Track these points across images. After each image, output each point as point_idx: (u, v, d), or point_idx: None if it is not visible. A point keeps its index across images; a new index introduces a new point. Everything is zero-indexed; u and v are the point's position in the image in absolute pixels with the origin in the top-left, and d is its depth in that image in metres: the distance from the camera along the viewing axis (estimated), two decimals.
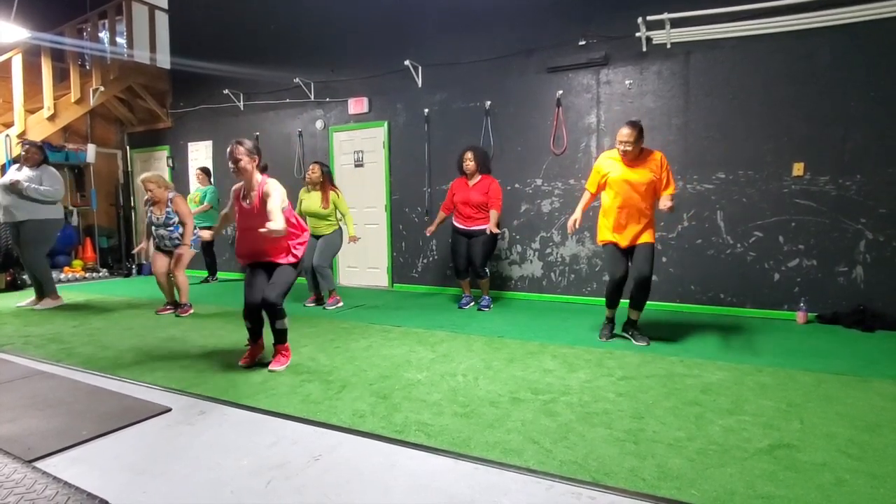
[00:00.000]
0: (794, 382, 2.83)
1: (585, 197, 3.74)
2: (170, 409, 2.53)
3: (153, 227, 4.81)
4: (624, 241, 3.57)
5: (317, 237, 5.03)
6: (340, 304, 5.17)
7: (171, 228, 4.75)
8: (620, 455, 2.04)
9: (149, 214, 4.81)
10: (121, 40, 7.78)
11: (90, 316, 4.89)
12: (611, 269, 3.64)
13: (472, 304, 5.08)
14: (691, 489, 1.79)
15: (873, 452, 2.04)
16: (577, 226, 3.60)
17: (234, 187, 3.33)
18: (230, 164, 3.12)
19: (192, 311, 4.93)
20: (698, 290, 4.76)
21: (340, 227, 5.12)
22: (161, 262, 4.84)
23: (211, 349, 3.65)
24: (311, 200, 4.98)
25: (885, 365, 3.13)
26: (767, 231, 4.47)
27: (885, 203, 4.07)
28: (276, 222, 2.97)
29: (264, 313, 3.22)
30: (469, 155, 4.78)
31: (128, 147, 8.86)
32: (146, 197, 4.78)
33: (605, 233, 3.65)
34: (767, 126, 4.42)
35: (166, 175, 8.29)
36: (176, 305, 4.96)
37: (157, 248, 4.87)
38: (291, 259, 3.26)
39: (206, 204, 6.77)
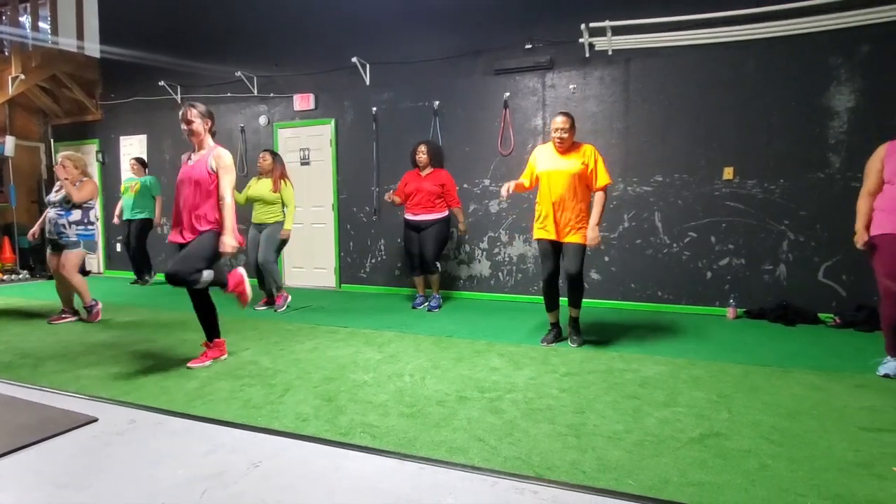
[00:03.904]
0: (725, 374, 3.00)
1: (519, 183, 3.64)
2: (96, 420, 2.37)
3: (48, 207, 4.38)
4: (552, 233, 3.53)
5: (259, 227, 4.87)
6: (289, 299, 5.02)
7: (63, 213, 4.30)
8: (563, 449, 2.08)
9: (50, 194, 4.43)
10: (44, 25, 7.25)
11: (8, 321, 4.53)
12: (542, 266, 3.66)
13: (426, 304, 5.07)
14: (628, 479, 1.85)
15: (793, 438, 2.18)
16: (509, 191, 3.49)
17: (184, 155, 3.31)
18: (183, 126, 3.14)
19: (99, 307, 4.53)
20: (638, 287, 4.95)
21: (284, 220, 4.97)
22: (53, 262, 4.40)
23: (143, 355, 3.46)
24: (260, 186, 4.82)
25: (805, 356, 3.37)
26: (700, 231, 4.71)
27: (805, 206, 4.38)
28: (226, 197, 3.12)
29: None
30: (423, 148, 4.80)
31: (52, 140, 8.27)
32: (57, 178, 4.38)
33: (536, 229, 3.64)
34: (700, 132, 4.66)
35: (95, 171, 7.82)
36: (74, 312, 4.54)
37: (49, 244, 4.42)
38: (209, 227, 3.14)
39: (158, 197, 6.55)
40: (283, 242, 4.97)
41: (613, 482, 1.83)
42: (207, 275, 3.08)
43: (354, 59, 5.76)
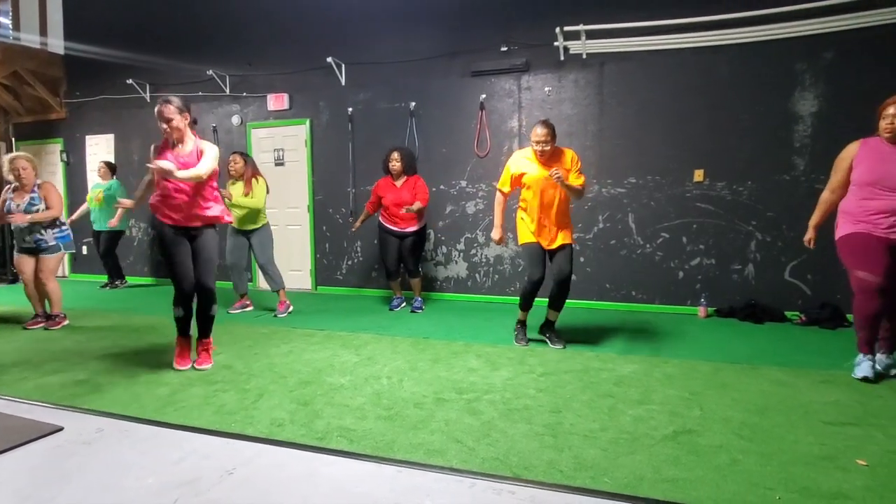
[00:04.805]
0: (696, 372, 3.06)
1: (500, 199, 3.68)
2: (61, 429, 2.29)
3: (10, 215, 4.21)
4: (545, 242, 3.56)
5: (244, 233, 4.75)
6: (291, 308, 4.87)
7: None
8: (540, 449, 2.10)
9: (7, 202, 4.19)
10: (5, 20, 6.98)
11: None
12: (531, 270, 3.57)
13: (404, 305, 5.05)
14: (604, 477, 1.87)
15: (762, 433, 2.24)
16: (504, 235, 3.58)
17: (154, 145, 3.13)
18: (161, 125, 2.99)
19: (65, 322, 4.38)
20: (612, 287, 5.02)
21: (268, 222, 4.87)
22: (27, 267, 4.25)
23: (111, 361, 3.36)
24: (234, 191, 4.68)
25: (772, 353, 3.46)
26: (672, 232, 4.81)
27: (771, 207, 4.51)
28: (201, 167, 2.99)
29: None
30: (396, 155, 4.73)
31: (13, 139, 7.96)
32: (10, 181, 4.18)
33: (526, 234, 3.62)
34: (672, 135, 4.75)
35: (59, 170, 7.57)
36: (48, 317, 4.40)
37: (21, 249, 4.26)
38: (216, 218, 3.18)
39: (123, 201, 6.23)
40: (273, 242, 4.89)
41: (590, 480, 1.85)
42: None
43: (330, 59, 5.71)
